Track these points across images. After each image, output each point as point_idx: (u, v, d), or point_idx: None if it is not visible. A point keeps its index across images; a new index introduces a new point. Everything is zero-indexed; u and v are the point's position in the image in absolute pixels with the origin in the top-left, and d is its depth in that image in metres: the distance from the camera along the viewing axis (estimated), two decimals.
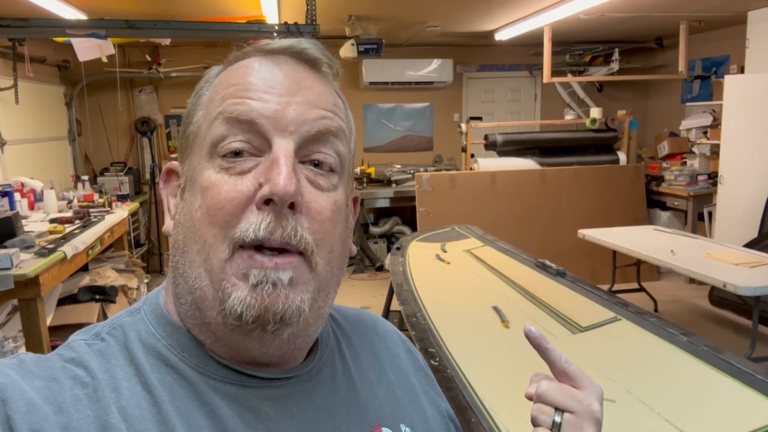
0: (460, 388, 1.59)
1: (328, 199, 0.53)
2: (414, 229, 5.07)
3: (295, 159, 0.51)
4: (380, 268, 5.48)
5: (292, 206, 0.49)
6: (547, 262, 2.74)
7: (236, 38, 3.13)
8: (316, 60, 0.56)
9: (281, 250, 0.50)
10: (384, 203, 5.66)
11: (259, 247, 0.49)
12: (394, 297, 2.85)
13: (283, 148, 0.50)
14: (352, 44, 4.66)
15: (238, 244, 0.49)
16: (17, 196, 3.60)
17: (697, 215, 4.92)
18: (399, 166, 5.74)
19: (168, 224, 0.57)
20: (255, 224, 0.48)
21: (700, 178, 4.93)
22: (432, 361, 1.78)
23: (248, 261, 0.49)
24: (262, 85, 0.52)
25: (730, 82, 4.36)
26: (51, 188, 4.02)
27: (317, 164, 0.53)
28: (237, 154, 0.51)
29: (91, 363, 0.49)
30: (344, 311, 0.70)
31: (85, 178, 4.84)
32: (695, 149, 5.30)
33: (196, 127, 0.55)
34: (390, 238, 5.79)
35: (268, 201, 0.48)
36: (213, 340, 0.52)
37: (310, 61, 0.55)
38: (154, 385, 0.49)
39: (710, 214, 4.83)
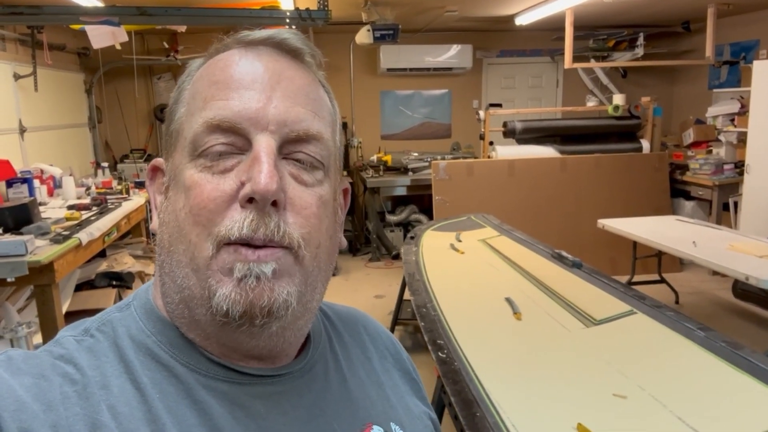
0: (467, 381, 1.56)
1: (313, 195, 0.52)
2: (431, 217, 5.03)
3: (278, 155, 0.50)
4: (396, 257, 5.46)
5: (275, 204, 0.48)
6: (564, 253, 2.68)
7: (249, 24, 3.10)
8: (297, 50, 0.55)
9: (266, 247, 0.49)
10: (401, 191, 5.63)
11: (244, 244, 0.49)
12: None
13: (264, 145, 0.49)
14: (368, 30, 4.62)
15: (222, 242, 0.49)
16: (36, 182, 3.64)
17: (722, 205, 4.78)
18: (416, 154, 5.69)
19: (155, 222, 0.56)
20: (239, 222, 0.48)
21: (726, 167, 4.79)
22: (440, 353, 1.76)
23: (233, 255, 0.49)
24: (242, 79, 0.52)
25: (760, 68, 4.21)
26: (70, 175, 4.06)
27: (300, 160, 0.52)
28: (219, 153, 0.50)
29: (81, 360, 0.49)
30: (336, 308, 0.70)
31: (105, 164, 4.89)
32: (721, 137, 5.15)
33: (178, 124, 0.54)
34: (407, 227, 5.76)
35: (251, 199, 0.48)
36: (204, 337, 0.52)
37: (291, 51, 0.55)
38: (144, 383, 0.49)
39: (736, 205, 4.69)
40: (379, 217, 5.69)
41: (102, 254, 3.77)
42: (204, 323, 0.51)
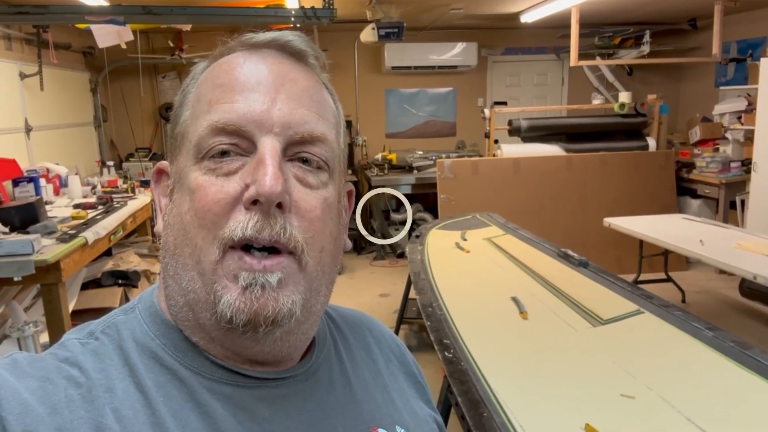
0: (474, 381, 1.55)
1: (317, 197, 0.52)
2: (436, 216, 5.02)
3: (282, 157, 0.50)
4: (401, 255, 5.45)
5: (280, 206, 0.48)
6: (570, 252, 2.67)
7: (254, 23, 3.10)
8: (301, 52, 0.55)
9: (271, 250, 0.49)
10: (406, 190, 5.62)
11: (248, 247, 0.49)
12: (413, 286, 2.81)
13: (269, 147, 0.49)
14: (373, 28, 4.61)
15: (227, 245, 0.49)
16: (42, 181, 3.65)
17: (728, 204, 4.75)
18: (421, 153, 5.68)
19: (160, 224, 0.56)
20: (243, 223, 0.48)
21: (732, 165, 4.76)
22: (446, 353, 1.75)
23: (238, 262, 0.49)
24: (246, 82, 0.52)
25: (767, 65, 4.18)
26: (75, 174, 4.07)
27: (305, 161, 0.52)
28: (224, 153, 0.50)
29: (86, 363, 0.49)
30: (341, 311, 0.70)
31: (111, 163, 4.90)
32: (728, 135, 5.11)
33: (183, 127, 0.54)
34: (411, 225, 5.76)
35: (255, 201, 0.48)
36: (208, 340, 0.52)
37: (295, 53, 0.55)
38: (148, 386, 0.49)
39: (743, 203, 4.66)
40: (383, 215, 5.68)
41: (108, 253, 3.78)
42: (208, 327, 0.51)
